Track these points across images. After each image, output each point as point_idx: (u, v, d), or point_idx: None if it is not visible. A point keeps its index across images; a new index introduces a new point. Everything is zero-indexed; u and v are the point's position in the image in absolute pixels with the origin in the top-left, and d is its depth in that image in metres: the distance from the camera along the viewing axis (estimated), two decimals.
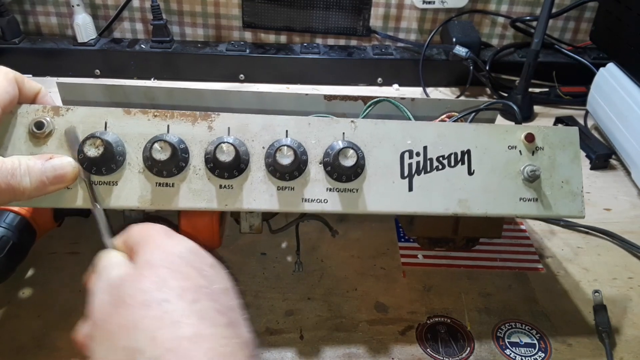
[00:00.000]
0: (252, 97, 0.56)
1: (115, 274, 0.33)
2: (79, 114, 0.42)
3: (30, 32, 1.01)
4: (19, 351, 0.46)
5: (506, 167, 0.45)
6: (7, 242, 0.47)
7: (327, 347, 0.48)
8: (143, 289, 0.30)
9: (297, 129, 0.44)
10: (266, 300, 0.53)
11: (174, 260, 0.33)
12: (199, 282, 0.32)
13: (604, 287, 0.56)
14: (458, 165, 0.45)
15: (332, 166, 0.43)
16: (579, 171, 0.46)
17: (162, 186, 0.42)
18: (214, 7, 0.99)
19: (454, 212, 0.44)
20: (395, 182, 0.44)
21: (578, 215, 0.46)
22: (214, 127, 0.43)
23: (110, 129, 0.42)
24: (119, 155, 0.41)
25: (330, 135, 0.44)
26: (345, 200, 0.44)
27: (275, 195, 0.43)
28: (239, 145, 0.42)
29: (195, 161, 0.42)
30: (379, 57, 0.97)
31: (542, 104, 0.93)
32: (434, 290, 0.55)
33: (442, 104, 0.56)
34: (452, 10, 1.00)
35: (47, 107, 0.41)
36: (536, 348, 0.49)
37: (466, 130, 0.45)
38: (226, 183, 0.43)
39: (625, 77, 0.76)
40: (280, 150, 0.41)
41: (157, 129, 0.42)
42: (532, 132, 0.45)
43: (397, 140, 0.44)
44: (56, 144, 0.41)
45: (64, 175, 0.39)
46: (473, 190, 0.45)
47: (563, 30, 1.03)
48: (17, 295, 0.52)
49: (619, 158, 0.77)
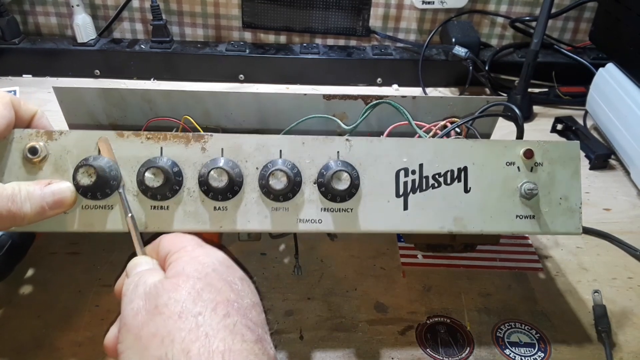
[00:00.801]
0: (250, 98, 0.55)
1: (150, 282, 0.33)
2: (72, 138, 0.41)
3: (30, 32, 1.01)
4: (19, 351, 0.46)
5: (503, 184, 0.45)
6: (6, 241, 0.47)
7: (327, 347, 0.48)
8: (179, 299, 0.31)
9: (291, 149, 0.43)
10: (266, 300, 0.53)
11: (207, 272, 0.33)
12: (230, 296, 0.32)
13: (604, 287, 0.56)
14: (454, 182, 0.44)
15: (326, 187, 0.43)
16: (579, 187, 0.45)
17: (156, 209, 0.42)
18: (214, 8, 0.99)
19: (449, 231, 0.44)
20: (390, 201, 0.44)
21: (575, 233, 0.46)
22: (207, 149, 0.42)
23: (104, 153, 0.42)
24: (112, 180, 0.41)
25: (325, 155, 0.43)
26: (340, 220, 0.44)
27: (270, 216, 0.43)
28: (232, 167, 0.42)
29: (189, 183, 0.43)
30: (378, 57, 0.97)
31: (541, 104, 0.93)
32: (433, 290, 0.55)
33: (443, 102, 0.56)
34: (452, 10, 1.00)
35: (41, 132, 0.41)
36: (536, 348, 0.49)
37: (464, 146, 0.45)
38: (220, 205, 0.43)
39: (625, 77, 0.76)
40: (273, 174, 0.41)
41: (150, 152, 0.42)
42: (532, 148, 0.45)
43: (392, 158, 0.44)
44: (51, 169, 0.41)
45: (63, 200, 0.39)
46: (469, 208, 0.44)
47: (562, 30, 1.04)
48: (17, 295, 0.52)
49: (618, 158, 0.77)
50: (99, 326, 0.49)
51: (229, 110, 0.56)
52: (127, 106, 0.55)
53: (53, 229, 0.41)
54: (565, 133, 0.84)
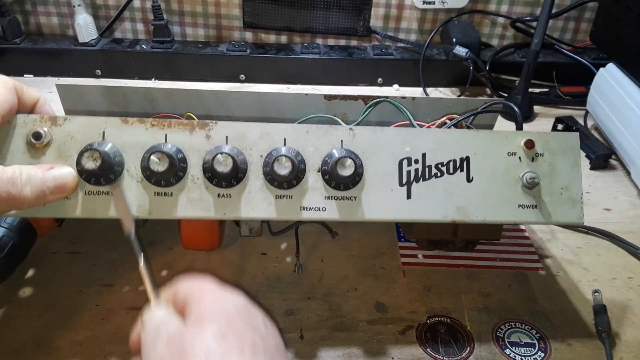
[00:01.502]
0: (252, 98, 0.56)
1: (172, 327, 0.32)
2: (76, 124, 0.41)
3: (32, 32, 1.01)
4: (19, 351, 0.46)
5: (505, 174, 0.45)
6: (7, 243, 0.47)
7: (327, 347, 0.48)
8: (205, 342, 0.30)
9: (295, 137, 0.43)
10: (266, 300, 0.53)
11: (231, 315, 0.32)
12: (255, 339, 0.31)
13: (604, 287, 0.56)
14: (457, 172, 0.45)
15: (330, 175, 0.43)
16: (579, 177, 0.46)
17: (160, 195, 0.42)
18: (215, 7, 0.99)
19: (452, 220, 0.44)
20: (393, 189, 0.44)
21: (577, 222, 0.46)
22: (212, 136, 0.43)
23: (108, 139, 0.42)
24: (117, 166, 0.41)
25: (329, 143, 0.44)
26: (344, 208, 0.44)
27: (274, 203, 0.43)
28: (237, 154, 0.42)
29: (193, 170, 0.42)
30: (379, 57, 0.97)
31: (542, 104, 0.93)
32: (433, 290, 0.55)
33: (442, 103, 0.56)
34: (452, 10, 1.00)
35: (45, 117, 0.41)
36: (536, 348, 0.49)
37: (465, 136, 0.45)
38: (224, 192, 0.43)
39: (625, 77, 0.76)
40: (278, 160, 0.41)
41: (154, 138, 0.42)
42: (532, 139, 0.45)
43: (395, 148, 0.44)
44: (54, 155, 0.41)
45: (65, 185, 0.39)
46: (472, 197, 0.45)
47: (563, 30, 1.04)
48: (18, 295, 0.52)
49: (619, 158, 0.77)
50: (99, 325, 0.49)
51: (230, 109, 0.56)
52: (129, 104, 0.55)
53: (54, 214, 0.41)
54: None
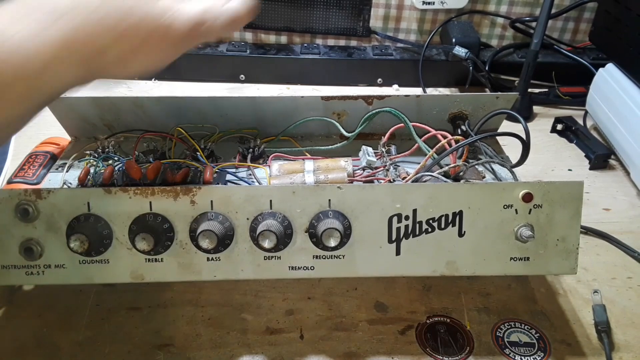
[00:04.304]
0: (246, 102, 0.55)
1: None
2: (61, 196, 0.42)
3: None
4: (20, 351, 0.47)
5: (499, 228, 0.44)
6: None
7: (327, 347, 0.48)
8: None
9: (281, 199, 0.43)
10: (266, 299, 0.53)
11: None
12: None
13: (603, 286, 0.56)
14: (449, 227, 0.44)
15: (317, 238, 0.43)
16: (578, 227, 0.44)
17: (151, 262, 0.43)
18: None
19: (441, 274, 0.45)
20: (382, 247, 0.44)
21: (569, 273, 0.45)
22: (197, 202, 0.43)
23: (94, 209, 0.42)
24: (105, 239, 0.42)
25: (316, 204, 0.43)
26: (332, 266, 0.44)
27: (262, 264, 0.44)
28: (222, 221, 0.42)
29: (181, 236, 0.43)
30: (378, 57, 0.97)
31: (541, 104, 0.93)
32: (433, 289, 0.55)
33: (447, 100, 0.56)
34: (452, 10, 1.00)
35: (29, 191, 0.42)
36: (535, 347, 0.49)
37: (460, 190, 0.44)
38: (213, 256, 0.44)
39: (625, 77, 0.76)
40: (262, 234, 0.41)
41: (140, 207, 0.42)
42: (531, 191, 0.43)
43: (385, 205, 0.43)
44: (44, 227, 0.42)
45: (242, 17, 0.39)
46: (462, 251, 0.44)
47: (562, 30, 1.04)
48: (18, 294, 0.52)
49: (618, 158, 0.77)
50: (99, 326, 0.49)
51: (225, 112, 0.56)
52: (119, 112, 0.55)
53: (56, 281, 0.43)
54: (565, 133, 0.84)
